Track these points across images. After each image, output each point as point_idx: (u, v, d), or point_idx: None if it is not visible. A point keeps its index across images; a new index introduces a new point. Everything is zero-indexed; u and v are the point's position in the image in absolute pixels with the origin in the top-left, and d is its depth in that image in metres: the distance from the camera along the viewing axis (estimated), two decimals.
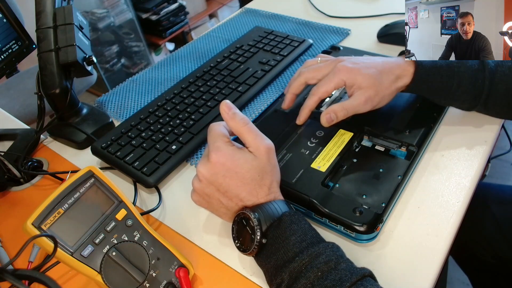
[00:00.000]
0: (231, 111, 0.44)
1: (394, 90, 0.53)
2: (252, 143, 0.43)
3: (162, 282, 0.41)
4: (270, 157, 0.43)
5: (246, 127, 0.43)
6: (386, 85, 0.52)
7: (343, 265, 0.37)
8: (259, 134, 0.44)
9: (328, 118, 0.52)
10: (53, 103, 0.63)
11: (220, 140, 0.43)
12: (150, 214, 0.54)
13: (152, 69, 0.82)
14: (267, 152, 0.43)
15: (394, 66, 0.52)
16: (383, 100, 0.53)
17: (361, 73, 0.51)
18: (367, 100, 0.51)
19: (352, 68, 0.51)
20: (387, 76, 0.52)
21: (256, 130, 0.44)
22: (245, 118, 0.44)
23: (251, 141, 0.43)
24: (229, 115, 0.44)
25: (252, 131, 0.43)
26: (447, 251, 0.45)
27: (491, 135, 0.56)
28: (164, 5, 2.27)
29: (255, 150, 0.43)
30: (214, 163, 0.42)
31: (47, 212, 0.38)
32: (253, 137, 0.43)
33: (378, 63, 0.53)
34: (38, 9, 0.60)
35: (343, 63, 0.53)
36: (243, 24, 0.92)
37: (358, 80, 0.51)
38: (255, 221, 0.40)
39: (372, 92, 0.51)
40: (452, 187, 0.51)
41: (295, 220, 0.41)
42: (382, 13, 0.86)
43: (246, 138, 0.43)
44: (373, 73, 0.51)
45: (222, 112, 0.44)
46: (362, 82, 0.51)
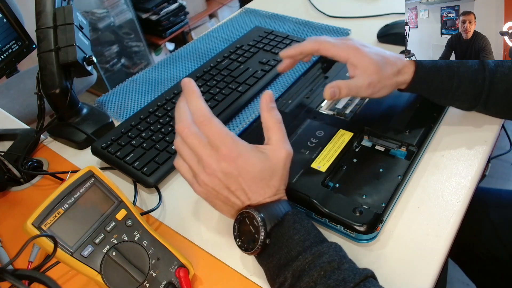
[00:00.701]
0: (271, 103, 0.44)
1: (394, 83, 0.53)
2: (276, 143, 0.43)
3: (162, 282, 0.41)
4: (287, 163, 0.43)
5: (278, 125, 0.43)
6: (388, 75, 0.52)
7: (346, 265, 0.37)
8: (285, 137, 0.44)
9: (332, 92, 0.52)
10: (53, 103, 0.63)
11: (228, 135, 0.41)
12: (150, 214, 0.54)
13: (152, 69, 0.82)
14: (286, 157, 0.43)
15: (397, 60, 0.53)
16: (383, 90, 0.53)
17: (368, 56, 0.51)
18: (370, 84, 0.51)
19: (360, 50, 0.52)
20: (390, 67, 0.52)
21: (285, 133, 0.44)
22: (280, 117, 0.44)
23: (276, 140, 0.43)
24: (268, 106, 0.44)
25: (281, 131, 0.43)
26: (447, 251, 0.45)
27: (491, 135, 0.56)
28: (164, 5, 2.27)
29: (275, 150, 0.42)
30: (225, 159, 0.40)
31: (47, 212, 0.38)
32: (279, 138, 0.43)
33: (385, 53, 0.53)
34: (38, 9, 0.60)
35: (354, 42, 0.53)
36: (243, 24, 0.92)
37: (363, 62, 0.51)
38: (260, 221, 0.40)
39: (376, 78, 0.51)
40: (452, 187, 0.51)
41: (298, 220, 0.41)
42: (382, 13, 0.86)
43: (272, 135, 0.43)
44: (379, 60, 0.51)
45: (262, 100, 0.44)
46: (368, 66, 0.51)
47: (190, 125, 0.41)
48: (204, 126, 0.41)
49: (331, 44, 0.53)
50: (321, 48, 0.54)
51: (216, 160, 0.40)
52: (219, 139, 0.40)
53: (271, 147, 0.43)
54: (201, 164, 0.41)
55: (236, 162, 0.40)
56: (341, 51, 0.52)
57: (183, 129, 0.41)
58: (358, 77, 0.52)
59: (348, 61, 0.52)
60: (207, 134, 0.41)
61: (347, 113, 0.59)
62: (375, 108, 0.60)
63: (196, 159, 0.41)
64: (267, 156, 0.42)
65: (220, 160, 0.40)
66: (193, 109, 0.42)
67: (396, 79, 0.53)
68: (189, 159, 0.42)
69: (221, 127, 0.41)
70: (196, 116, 0.41)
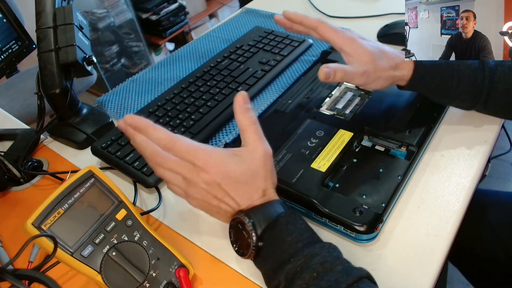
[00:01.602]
0: (245, 105, 0.44)
1: (390, 77, 0.53)
2: (252, 144, 0.43)
3: (162, 282, 0.41)
4: (267, 162, 0.43)
5: (253, 126, 0.43)
6: (384, 67, 0.52)
7: (339, 266, 0.37)
8: (262, 137, 0.44)
9: (327, 72, 0.52)
10: (53, 103, 0.63)
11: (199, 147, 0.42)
12: (150, 214, 0.54)
13: (152, 69, 0.82)
14: (264, 156, 0.43)
15: (396, 55, 0.53)
16: (377, 81, 0.53)
17: (362, 46, 0.52)
18: (364, 73, 0.52)
19: (356, 40, 0.52)
20: (387, 60, 0.52)
21: (261, 133, 0.44)
22: (255, 117, 0.44)
23: (252, 141, 0.43)
24: (242, 108, 0.44)
25: (256, 132, 0.43)
26: (447, 251, 0.45)
27: (491, 135, 0.56)
28: (164, 5, 2.27)
29: (252, 151, 0.43)
30: (203, 170, 0.41)
31: (47, 212, 0.38)
32: (255, 138, 0.43)
33: (383, 47, 0.54)
34: (38, 9, 0.60)
35: (353, 34, 0.54)
36: (243, 24, 0.92)
37: (358, 51, 0.51)
38: (250, 226, 0.40)
39: (371, 67, 0.51)
40: (452, 187, 0.51)
41: (291, 220, 0.41)
42: (382, 13, 0.86)
43: (248, 137, 0.43)
44: (375, 52, 0.52)
45: (235, 102, 0.44)
46: (362, 55, 0.51)
47: (160, 152, 0.42)
48: (172, 149, 0.42)
49: (331, 28, 0.54)
50: (320, 28, 0.54)
51: (196, 174, 0.41)
52: (190, 154, 0.41)
53: (247, 149, 0.43)
54: (186, 181, 0.42)
55: (215, 171, 0.41)
56: (337, 37, 0.53)
57: (156, 158, 0.42)
58: (353, 64, 0.52)
59: (342, 49, 0.53)
60: (177, 155, 0.42)
61: (347, 113, 0.59)
62: (375, 108, 0.60)
63: (181, 177, 0.42)
64: (244, 158, 0.42)
65: (199, 173, 0.41)
66: (155, 140, 0.43)
67: (392, 73, 0.53)
68: (175, 180, 0.43)
69: (188, 143, 0.42)
70: (162, 144, 0.42)
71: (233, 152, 0.43)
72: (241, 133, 0.44)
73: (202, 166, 0.41)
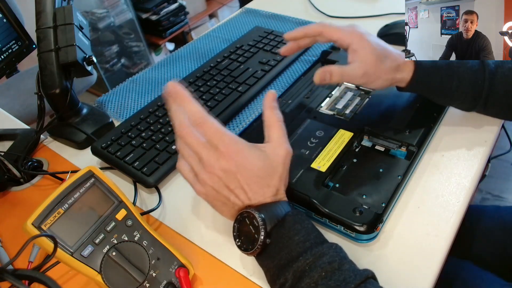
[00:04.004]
0: (274, 102, 0.45)
1: (390, 78, 0.53)
2: (277, 140, 0.43)
3: (162, 282, 0.41)
4: (286, 161, 0.43)
5: (279, 123, 0.44)
6: (385, 69, 0.52)
7: (346, 266, 0.37)
8: (286, 136, 0.44)
9: (322, 75, 0.52)
10: (53, 103, 0.63)
11: (226, 133, 0.41)
12: (150, 214, 0.54)
13: (152, 69, 0.82)
14: (285, 155, 0.43)
15: (399, 56, 0.53)
16: (376, 81, 0.53)
17: (370, 45, 0.51)
18: (364, 74, 0.51)
19: (365, 37, 0.52)
20: (390, 61, 0.52)
21: (285, 132, 0.44)
22: (281, 116, 0.45)
23: (276, 138, 0.43)
24: (270, 105, 0.45)
25: (282, 130, 0.44)
26: (447, 251, 0.45)
27: (491, 135, 0.56)
28: (164, 5, 2.27)
29: (275, 148, 0.43)
30: (224, 157, 0.40)
31: (47, 212, 0.38)
32: (279, 136, 0.44)
33: (387, 47, 0.53)
34: (38, 9, 0.60)
35: (359, 29, 0.53)
36: (243, 24, 0.92)
37: (365, 50, 0.51)
38: (260, 221, 0.40)
39: (372, 69, 0.51)
40: (452, 187, 0.51)
41: (299, 220, 0.41)
42: (382, 13, 0.86)
43: (273, 134, 0.44)
44: (380, 52, 0.51)
45: (266, 98, 0.45)
46: (368, 55, 0.51)
47: (188, 126, 0.42)
48: (201, 126, 0.41)
49: (335, 28, 0.53)
50: (325, 31, 0.53)
51: (215, 158, 0.41)
52: (217, 138, 0.41)
53: (271, 145, 0.43)
54: (201, 163, 0.42)
55: (235, 160, 0.40)
56: (345, 35, 0.52)
57: (181, 130, 0.42)
58: (354, 64, 0.52)
59: (350, 46, 0.52)
60: (205, 134, 0.41)
61: (347, 113, 0.59)
62: (375, 108, 0.60)
63: (197, 158, 0.42)
64: (267, 154, 0.42)
65: (219, 158, 0.40)
66: (188, 112, 0.42)
67: (393, 75, 0.53)
68: (190, 159, 0.42)
69: (218, 126, 0.41)
70: (193, 118, 0.42)
71: (257, 147, 0.43)
72: (266, 129, 0.45)
73: (224, 152, 0.40)
